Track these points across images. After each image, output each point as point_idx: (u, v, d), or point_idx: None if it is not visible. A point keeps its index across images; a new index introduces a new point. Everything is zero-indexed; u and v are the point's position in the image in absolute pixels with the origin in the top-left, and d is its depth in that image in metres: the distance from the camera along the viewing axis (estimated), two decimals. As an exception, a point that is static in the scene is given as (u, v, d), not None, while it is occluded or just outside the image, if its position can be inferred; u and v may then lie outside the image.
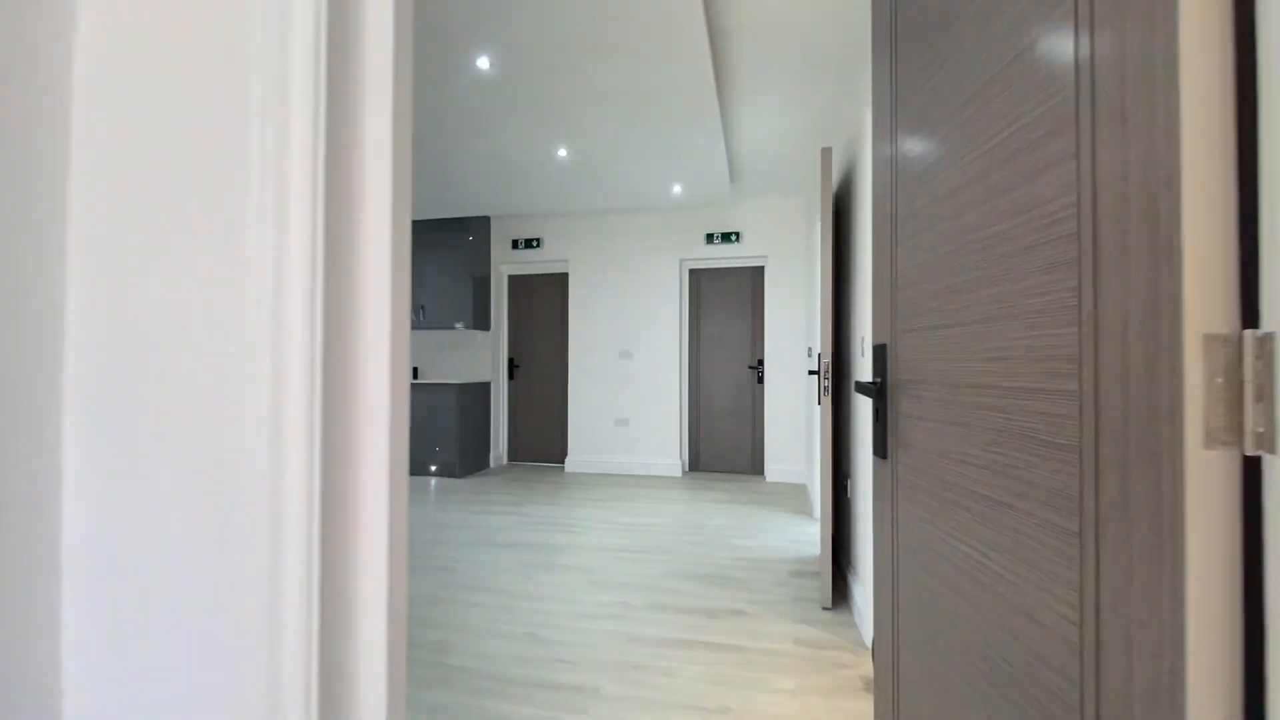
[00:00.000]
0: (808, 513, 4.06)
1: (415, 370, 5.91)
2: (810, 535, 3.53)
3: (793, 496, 4.56)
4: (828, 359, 2.53)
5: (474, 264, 5.52)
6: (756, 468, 5.36)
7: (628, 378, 5.52)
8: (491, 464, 5.81)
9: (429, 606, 2.51)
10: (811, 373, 2.75)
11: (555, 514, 4.02)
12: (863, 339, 2.39)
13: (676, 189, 4.61)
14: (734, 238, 5.28)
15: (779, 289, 5.18)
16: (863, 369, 2.42)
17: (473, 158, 3.93)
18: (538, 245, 5.77)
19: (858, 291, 2.56)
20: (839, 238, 3.09)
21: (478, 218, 5.55)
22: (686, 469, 5.51)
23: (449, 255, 5.52)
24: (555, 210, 5.36)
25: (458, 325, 5.44)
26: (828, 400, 2.53)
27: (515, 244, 5.83)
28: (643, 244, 5.50)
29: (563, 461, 5.85)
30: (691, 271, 5.53)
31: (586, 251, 5.64)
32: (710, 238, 5.33)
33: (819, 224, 3.89)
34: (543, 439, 5.92)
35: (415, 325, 5.57)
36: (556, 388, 5.88)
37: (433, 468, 5.36)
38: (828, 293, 2.55)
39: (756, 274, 5.38)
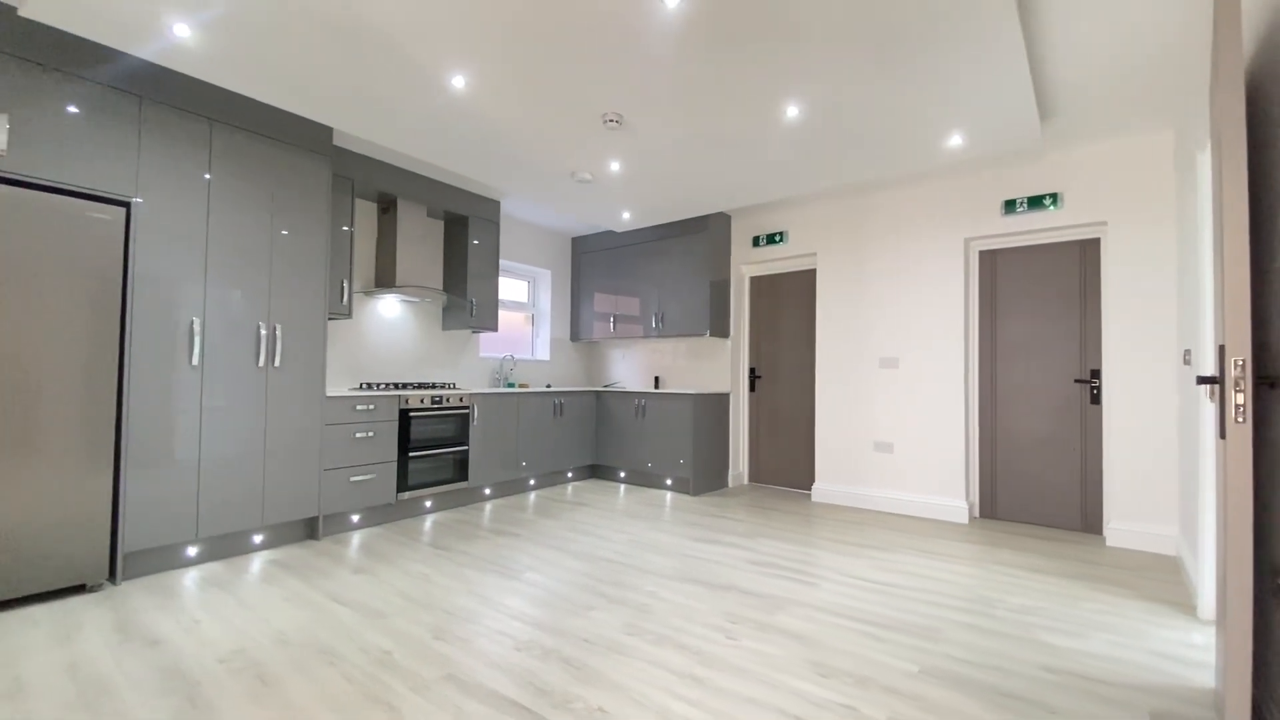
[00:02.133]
0: (1185, 606, 2.57)
1: (656, 380, 5.76)
2: (1194, 648, 2.17)
3: (1154, 574, 3.01)
4: (1244, 356, 1.39)
5: (713, 266, 5.12)
6: (1089, 523, 3.79)
7: (891, 392, 4.46)
8: (730, 483, 5.30)
9: (605, 654, 2.09)
10: (1204, 380, 1.57)
11: (788, 554, 3.31)
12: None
13: (955, 140, 3.48)
14: (1049, 201, 3.85)
15: (1127, 268, 3.59)
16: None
17: (693, 139, 3.50)
18: (781, 240, 5.10)
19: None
20: (1256, 150, 1.80)
21: (716, 215, 5.14)
22: (975, 514, 4.19)
23: (687, 258, 5.23)
24: (797, 195, 4.63)
25: (705, 333, 5.09)
26: (1243, 431, 1.39)
27: (756, 241, 5.27)
28: (909, 223, 4.41)
29: (809, 488, 5.02)
30: (983, 254, 4.23)
31: (837, 241, 4.77)
32: (1011, 205, 3.99)
33: (1207, 150, 2.45)
34: (786, 459, 5.18)
35: (654, 333, 5.41)
36: (803, 402, 5.10)
37: (668, 481, 5.08)
38: (1242, 240, 1.41)
39: (1087, 250, 3.84)
